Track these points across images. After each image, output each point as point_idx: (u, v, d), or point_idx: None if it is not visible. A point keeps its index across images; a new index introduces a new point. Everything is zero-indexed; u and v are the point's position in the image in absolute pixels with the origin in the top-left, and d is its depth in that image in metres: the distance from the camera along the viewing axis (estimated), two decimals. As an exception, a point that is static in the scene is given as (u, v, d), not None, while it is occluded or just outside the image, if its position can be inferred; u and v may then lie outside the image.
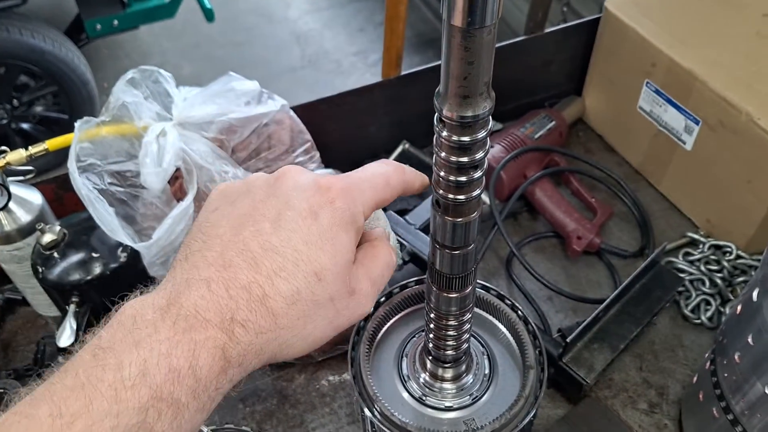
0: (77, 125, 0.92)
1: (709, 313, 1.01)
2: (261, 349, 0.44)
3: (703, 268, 1.05)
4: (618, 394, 0.94)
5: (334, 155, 1.11)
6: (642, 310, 0.96)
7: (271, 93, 1.02)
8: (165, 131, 0.92)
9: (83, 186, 0.88)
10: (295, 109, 1.05)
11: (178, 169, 0.92)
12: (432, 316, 0.60)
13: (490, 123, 0.45)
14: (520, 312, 0.68)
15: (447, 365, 0.64)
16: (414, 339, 0.69)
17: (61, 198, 1.03)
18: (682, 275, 1.04)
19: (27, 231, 0.92)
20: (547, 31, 1.29)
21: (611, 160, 1.28)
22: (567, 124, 1.27)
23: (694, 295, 1.03)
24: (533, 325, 0.67)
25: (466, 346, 0.63)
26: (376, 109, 1.21)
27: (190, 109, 0.95)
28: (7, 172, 0.90)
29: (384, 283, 0.53)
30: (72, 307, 0.89)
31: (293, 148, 1.04)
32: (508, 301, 0.69)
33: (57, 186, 1.03)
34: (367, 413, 0.62)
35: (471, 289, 0.57)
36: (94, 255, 0.90)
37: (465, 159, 0.46)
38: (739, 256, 1.06)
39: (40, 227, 0.89)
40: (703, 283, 1.04)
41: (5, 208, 0.88)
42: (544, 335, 0.95)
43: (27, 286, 0.97)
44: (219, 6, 3.25)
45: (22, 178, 0.93)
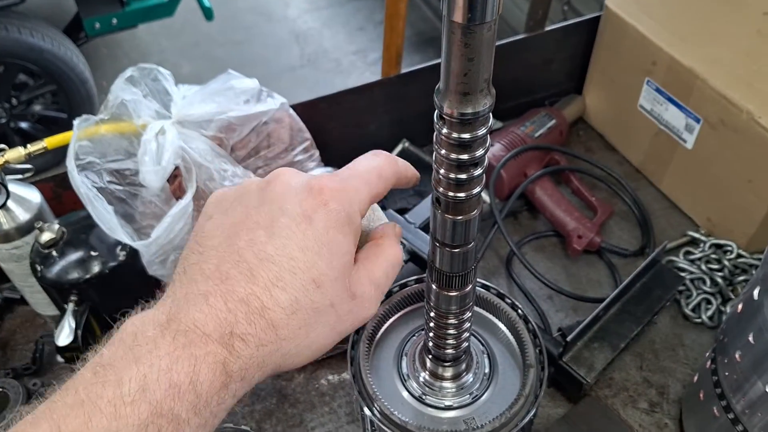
0: (76, 123, 0.91)
1: (709, 312, 1.01)
2: (263, 361, 0.44)
3: (703, 267, 1.05)
4: (618, 394, 0.94)
5: (334, 154, 1.10)
6: (642, 309, 0.96)
7: (271, 91, 1.02)
8: (164, 129, 0.92)
9: (82, 184, 0.87)
10: (295, 107, 1.05)
11: (177, 167, 0.92)
12: (432, 314, 0.60)
13: (491, 120, 0.45)
14: (520, 311, 0.68)
15: (447, 364, 0.63)
16: (414, 338, 0.69)
17: (60, 196, 1.03)
18: (682, 274, 1.04)
19: (26, 229, 0.92)
20: (547, 29, 1.28)
21: (612, 159, 1.28)
22: (567, 122, 1.27)
23: (695, 294, 1.03)
24: (533, 324, 0.67)
25: (466, 344, 0.63)
26: (375, 108, 1.21)
27: (189, 107, 0.95)
28: (6, 170, 0.89)
29: (389, 284, 0.52)
30: (71, 306, 0.88)
31: (292, 146, 1.04)
32: (508, 300, 0.69)
33: (56, 184, 1.02)
34: (367, 412, 0.62)
35: (471, 288, 0.57)
36: (93, 253, 0.90)
37: (465, 156, 0.46)
38: (739, 255, 1.06)
39: (39, 226, 0.89)
40: (704, 282, 1.04)
41: (4, 207, 0.88)
42: (545, 334, 0.94)
43: (25, 285, 0.97)
44: (218, 5, 3.25)
45: (20, 177, 0.93)
